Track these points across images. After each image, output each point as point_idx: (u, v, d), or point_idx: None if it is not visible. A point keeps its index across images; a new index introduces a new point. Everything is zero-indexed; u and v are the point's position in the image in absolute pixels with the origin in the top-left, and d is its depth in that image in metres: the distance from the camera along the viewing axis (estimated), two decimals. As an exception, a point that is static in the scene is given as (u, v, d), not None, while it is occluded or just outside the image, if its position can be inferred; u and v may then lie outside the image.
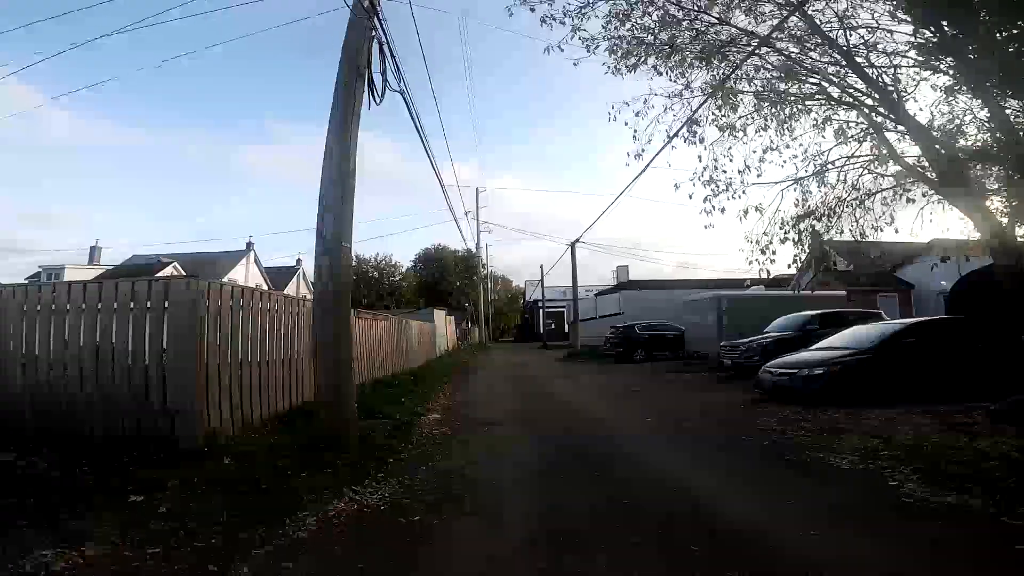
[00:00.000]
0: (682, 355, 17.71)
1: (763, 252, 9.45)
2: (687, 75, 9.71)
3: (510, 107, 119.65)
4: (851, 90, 9.17)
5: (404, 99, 10.00)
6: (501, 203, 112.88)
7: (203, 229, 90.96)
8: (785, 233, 9.39)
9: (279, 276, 40.44)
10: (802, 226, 9.74)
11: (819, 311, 13.77)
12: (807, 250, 9.77)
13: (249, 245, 35.98)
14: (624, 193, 15.36)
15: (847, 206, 9.73)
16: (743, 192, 10.28)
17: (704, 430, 6.52)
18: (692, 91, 10.56)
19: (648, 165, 11.32)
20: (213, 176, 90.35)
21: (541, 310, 51.94)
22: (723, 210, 8.98)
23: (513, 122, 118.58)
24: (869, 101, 9.25)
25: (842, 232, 9.70)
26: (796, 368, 8.39)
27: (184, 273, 30.46)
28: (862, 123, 9.57)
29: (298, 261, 42.45)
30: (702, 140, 9.39)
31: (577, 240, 22.84)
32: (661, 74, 8.79)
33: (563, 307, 52.44)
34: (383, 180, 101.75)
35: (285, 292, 38.63)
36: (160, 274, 29.79)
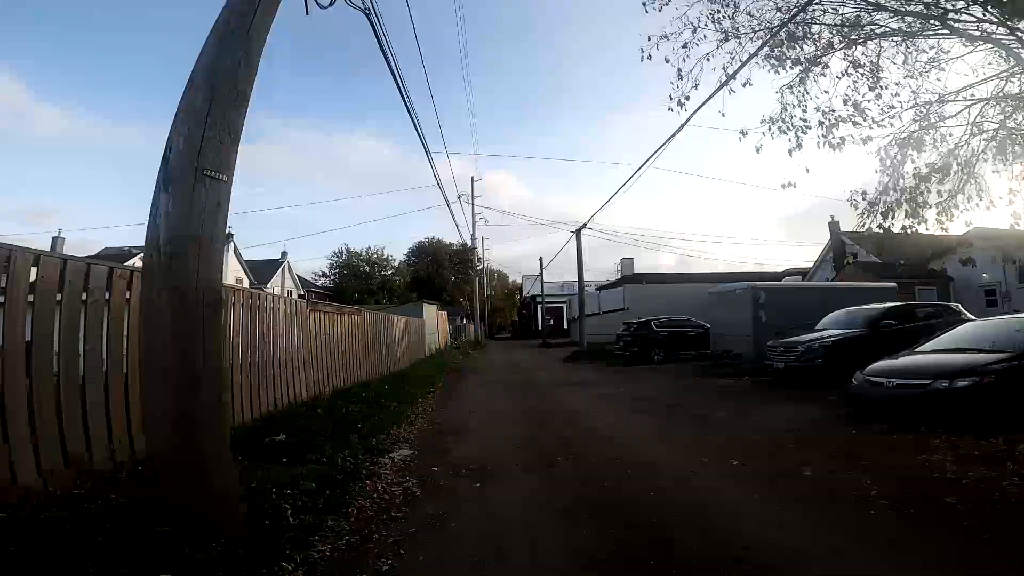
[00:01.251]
0: (708, 355, 15.14)
1: (885, 214, 6.94)
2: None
3: (508, 112, 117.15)
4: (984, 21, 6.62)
5: (371, 23, 7.55)
6: (496, 202, 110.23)
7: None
8: (913, 193, 6.88)
9: (262, 269, 37.72)
10: (923, 188, 7.18)
11: (889, 304, 11.23)
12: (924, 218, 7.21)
13: (228, 236, 33.12)
14: (656, 156, 12.61)
15: (977, 165, 7.19)
16: (823, 143, 7.75)
17: (842, 480, 3.89)
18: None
19: (699, 109, 8.78)
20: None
21: (540, 306, 49.35)
22: (868, 140, 6.44)
23: (509, 124, 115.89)
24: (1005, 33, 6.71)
25: (970, 199, 7.19)
26: (928, 376, 5.86)
27: (151, 264, 27.69)
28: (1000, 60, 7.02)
29: (283, 253, 39.74)
30: (796, 62, 6.87)
31: (584, 226, 20.18)
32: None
33: (563, 302, 49.86)
34: (381, 180, 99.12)
35: (268, 286, 35.89)
36: (126, 264, 27.04)
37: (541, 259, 34.93)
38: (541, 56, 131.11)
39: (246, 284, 33.60)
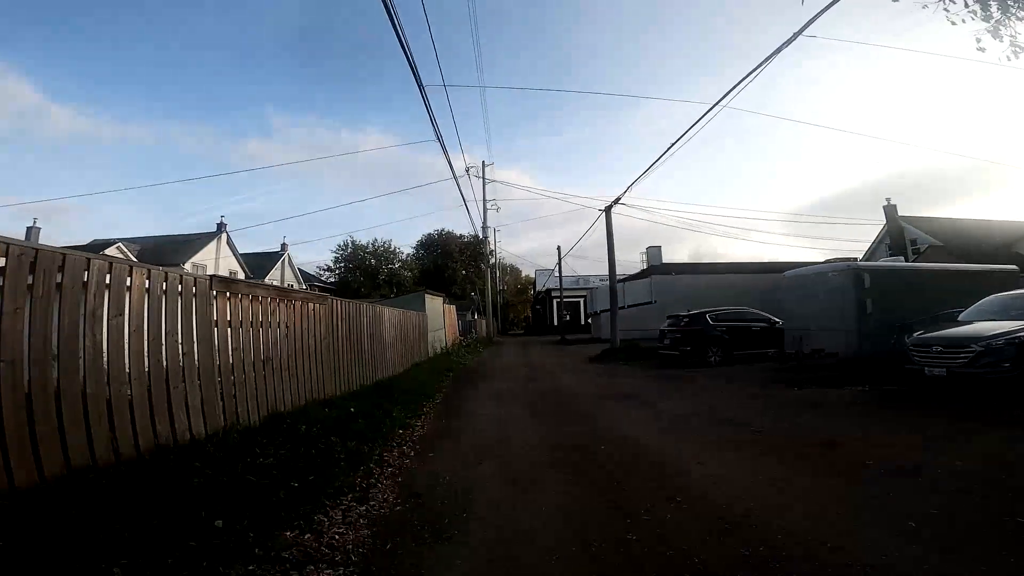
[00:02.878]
0: (781, 355, 11.72)
1: None
2: None
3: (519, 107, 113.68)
4: None
5: None
6: (510, 198, 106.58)
7: (206, 220, 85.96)
8: None
9: (261, 261, 34.81)
10: None
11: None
12: None
13: (220, 226, 30.27)
14: (752, 78, 9.04)
15: None
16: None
17: None
18: None
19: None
20: (216, 168, 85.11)
21: (556, 300, 45.95)
22: None
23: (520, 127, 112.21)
24: None
25: None
26: None
27: (130, 255, 24.85)
28: None
29: (283, 245, 36.76)
30: None
31: (617, 201, 16.66)
32: None
33: (580, 297, 46.43)
34: (389, 172, 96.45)
35: (267, 280, 33.06)
36: (103, 253, 24.24)
37: (559, 248, 31.53)
38: (551, 52, 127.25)
39: (241, 277, 30.78)
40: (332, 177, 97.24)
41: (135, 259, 25.46)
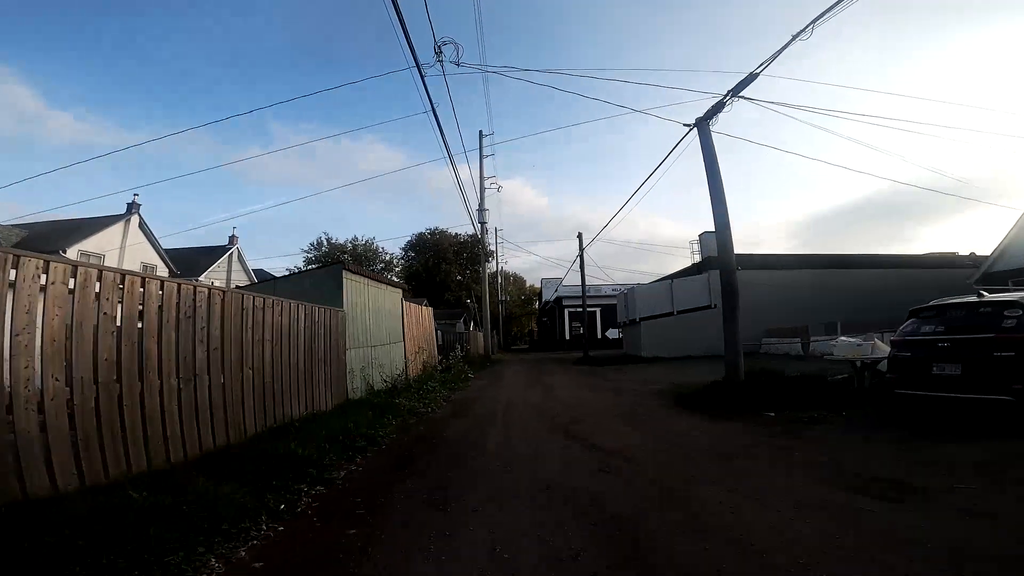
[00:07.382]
0: None
1: None
2: None
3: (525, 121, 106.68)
4: None
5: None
6: (513, 210, 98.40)
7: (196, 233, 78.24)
8: None
9: (199, 256, 26.56)
10: None
11: None
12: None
13: (130, 207, 22.05)
14: None
15: None
16: None
17: None
18: None
19: None
20: (223, 177, 77.91)
21: (568, 311, 37.45)
22: None
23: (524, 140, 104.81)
24: None
25: None
26: None
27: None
28: None
29: (231, 239, 28.54)
30: None
31: (740, 87, 8.14)
32: None
33: (595, 307, 38.08)
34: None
35: (201, 278, 24.87)
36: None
37: (580, 235, 23.07)
38: (556, 57, 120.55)
39: (163, 273, 22.71)
40: (331, 184, 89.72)
41: (15, 246, 17.55)
